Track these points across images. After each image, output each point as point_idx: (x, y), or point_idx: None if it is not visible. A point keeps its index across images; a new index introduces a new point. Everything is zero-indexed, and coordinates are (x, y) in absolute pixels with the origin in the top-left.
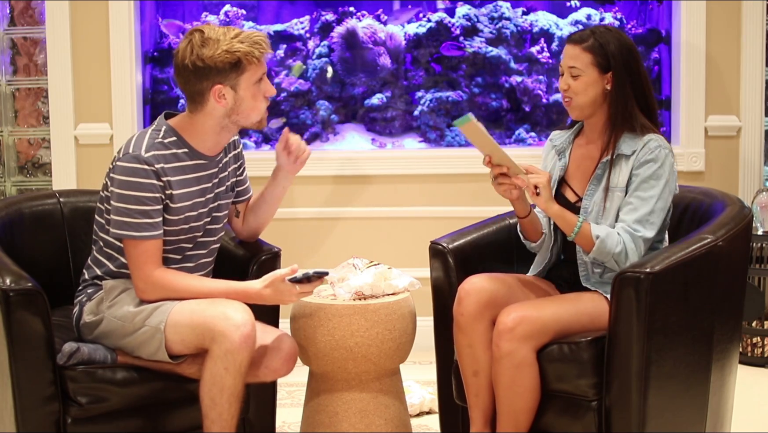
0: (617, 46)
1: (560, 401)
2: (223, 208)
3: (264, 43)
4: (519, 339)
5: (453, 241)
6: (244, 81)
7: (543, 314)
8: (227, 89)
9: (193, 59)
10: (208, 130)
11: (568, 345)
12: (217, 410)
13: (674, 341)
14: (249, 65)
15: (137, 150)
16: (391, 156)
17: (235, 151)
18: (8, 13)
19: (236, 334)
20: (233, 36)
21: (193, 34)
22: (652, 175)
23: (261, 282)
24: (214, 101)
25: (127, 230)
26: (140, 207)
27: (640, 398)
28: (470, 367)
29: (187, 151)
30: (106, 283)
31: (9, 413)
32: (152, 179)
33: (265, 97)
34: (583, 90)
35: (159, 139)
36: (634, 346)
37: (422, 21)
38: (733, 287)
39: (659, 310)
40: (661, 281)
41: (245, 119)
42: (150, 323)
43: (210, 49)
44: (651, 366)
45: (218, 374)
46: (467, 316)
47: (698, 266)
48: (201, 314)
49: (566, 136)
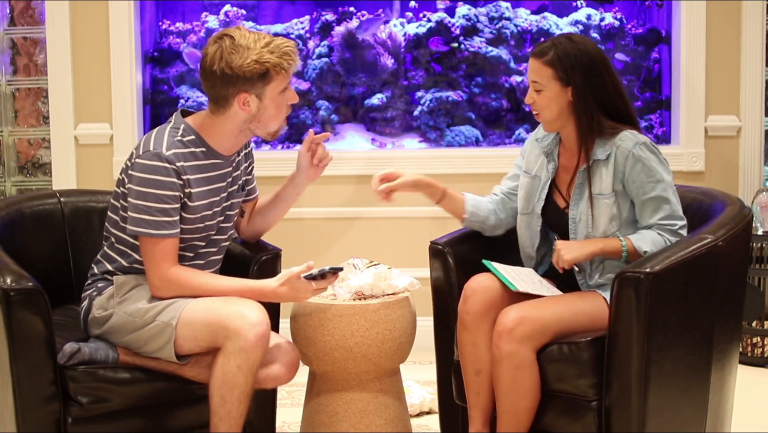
0: (577, 57)
1: (560, 401)
2: (235, 207)
3: (293, 53)
4: (519, 340)
5: (453, 241)
6: (269, 90)
7: (543, 314)
8: (252, 97)
9: (222, 66)
10: (227, 132)
11: (567, 345)
12: (227, 407)
13: (674, 340)
14: (276, 76)
15: (158, 148)
16: (391, 156)
17: (246, 150)
18: (8, 13)
19: (251, 332)
20: (263, 45)
21: (224, 39)
22: (647, 174)
23: (276, 280)
24: (237, 107)
25: (145, 227)
26: (160, 205)
27: (640, 398)
28: (473, 366)
29: (204, 150)
30: (117, 278)
31: (9, 413)
32: (173, 178)
33: (288, 106)
34: (547, 105)
35: (178, 137)
36: (634, 346)
37: (422, 21)
38: (733, 287)
39: (659, 310)
40: (661, 281)
41: (263, 128)
42: (162, 318)
43: (240, 58)
44: (651, 366)
45: (230, 372)
46: (473, 314)
47: (698, 266)
48: (216, 312)
49: (552, 137)
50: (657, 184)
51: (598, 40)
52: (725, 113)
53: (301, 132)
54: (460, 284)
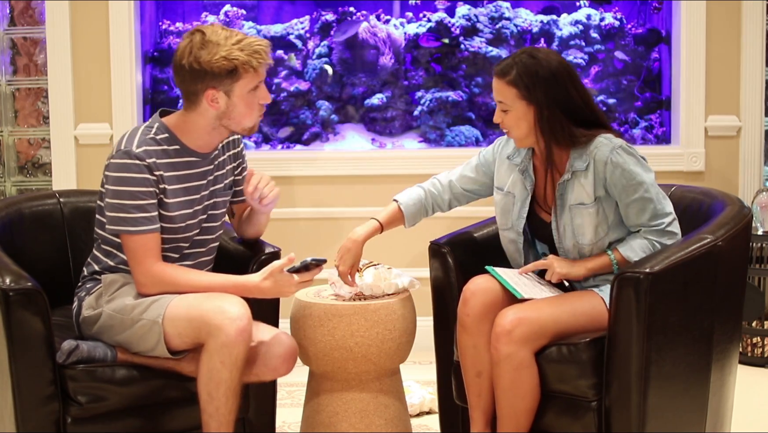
0: (539, 74)
1: (560, 401)
2: (221, 206)
3: (264, 52)
4: (517, 342)
5: (453, 241)
6: (238, 88)
7: (541, 315)
8: (220, 94)
9: (191, 61)
10: (199, 129)
11: (567, 346)
12: (215, 404)
13: (674, 341)
14: (245, 74)
15: (129, 146)
16: (391, 156)
17: (235, 150)
18: (8, 13)
19: (231, 327)
20: (234, 42)
21: (195, 35)
22: (627, 178)
23: (260, 275)
24: (206, 103)
25: (123, 225)
26: (135, 202)
27: (640, 397)
28: (473, 368)
29: (178, 148)
30: (105, 277)
31: (9, 413)
32: (145, 174)
33: (260, 105)
34: (515, 124)
35: (151, 135)
36: (634, 346)
37: (422, 21)
38: (733, 287)
39: (659, 310)
40: (661, 281)
41: (236, 124)
42: (147, 316)
43: (208, 54)
44: (651, 366)
45: (215, 369)
46: (473, 316)
47: (698, 266)
48: (197, 307)
49: (525, 153)
50: (639, 186)
51: (598, 40)
52: (725, 113)
53: (303, 132)
54: (460, 284)
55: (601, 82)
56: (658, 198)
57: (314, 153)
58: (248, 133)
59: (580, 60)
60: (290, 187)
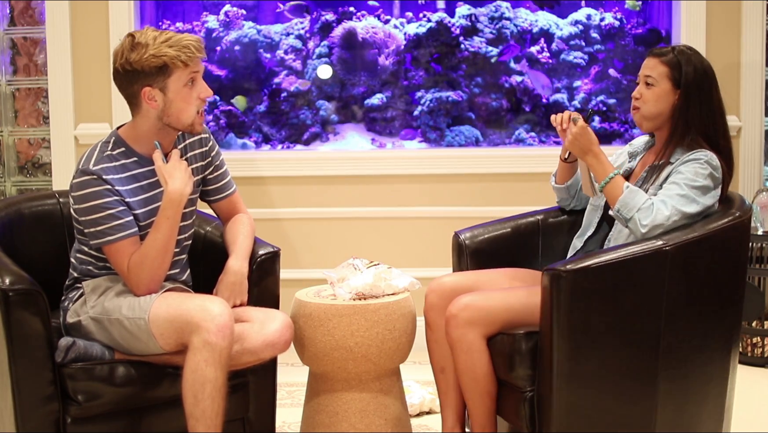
0: (693, 66)
1: (506, 389)
2: (188, 205)
3: (193, 47)
4: (464, 325)
5: (474, 237)
6: (172, 84)
7: (490, 303)
8: (156, 91)
9: (122, 62)
10: (147, 133)
11: (508, 336)
12: (200, 407)
13: (599, 340)
14: (176, 69)
15: (86, 165)
16: (391, 156)
17: (202, 149)
18: (8, 13)
19: (213, 324)
20: (163, 40)
21: (126, 39)
22: (687, 166)
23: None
24: (145, 103)
25: (103, 237)
26: (105, 213)
27: (558, 394)
28: (438, 364)
29: (136, 159)
30: (87, 284)
31: (9, 413)
32: (104, 185)
33: (200, 99)
34: (654, 100)
35: (108, 152)
36: (555, 341)
37: (422, 21)
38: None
39: (579, 308)
40: (585, 280)
41: (176, 121)
42: (132, 315)
43: (137, 54)
44: (569, 363)
45: (199, 368)
46: (431, 312)
47: (633, 268)
48: (178, 307)
49: (643, 142)
50: (686, 173)
51: (598, 40)
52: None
53: (302, 132)
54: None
55: (601, 82)
56: (687, 193)
57: (314, 153)
58: (191, 130)
59: (580, 60)
60: (290, 187)
